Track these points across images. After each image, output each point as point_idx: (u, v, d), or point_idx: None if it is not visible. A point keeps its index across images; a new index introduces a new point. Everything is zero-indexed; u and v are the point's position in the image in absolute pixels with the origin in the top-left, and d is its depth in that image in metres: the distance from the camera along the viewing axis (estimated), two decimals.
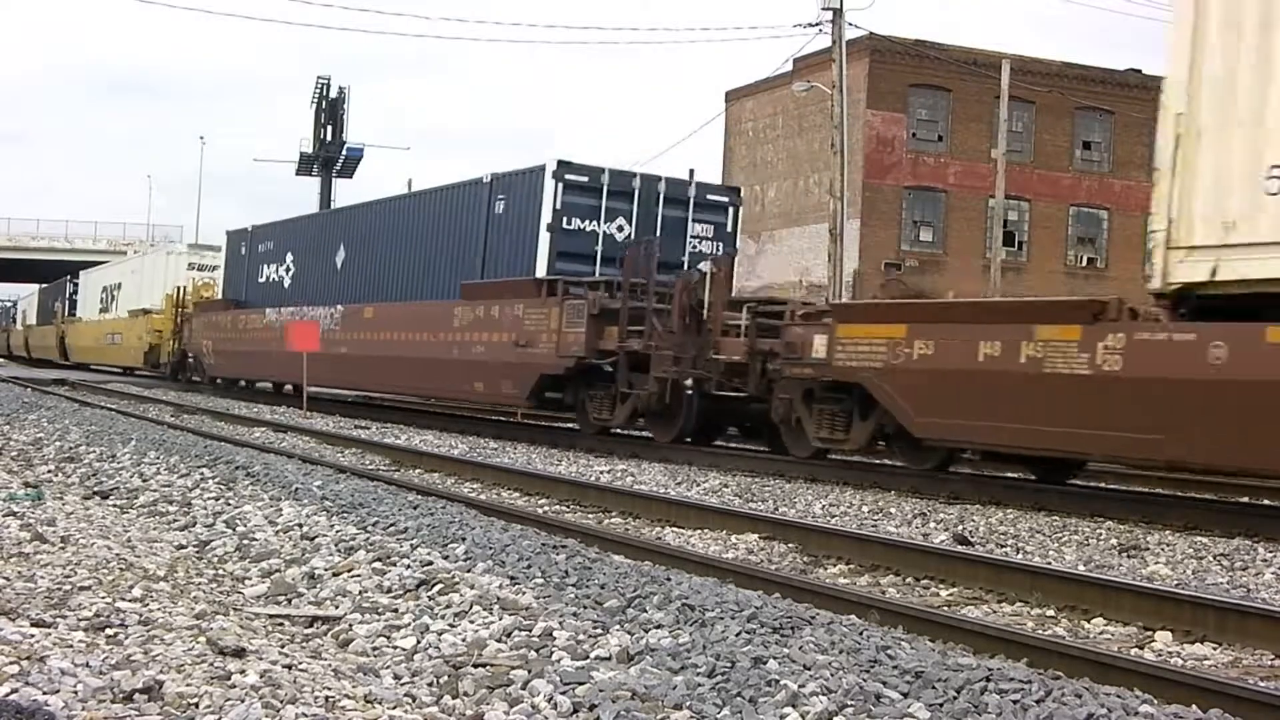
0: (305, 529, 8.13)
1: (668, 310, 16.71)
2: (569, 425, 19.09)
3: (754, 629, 5.38)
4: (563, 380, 18.60)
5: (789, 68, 42.66)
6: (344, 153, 71.18)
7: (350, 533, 7.89)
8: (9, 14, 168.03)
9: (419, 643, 5.40)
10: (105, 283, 49.95)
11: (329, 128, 71.25)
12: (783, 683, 4.55)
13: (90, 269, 55.36)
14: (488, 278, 20.98)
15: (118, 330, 44.76)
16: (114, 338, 45.13)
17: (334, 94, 71.67)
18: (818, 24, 31.14)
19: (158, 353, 39.14)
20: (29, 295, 71.19)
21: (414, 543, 7.50)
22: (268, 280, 30.58)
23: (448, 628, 5.59)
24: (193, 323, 34.64)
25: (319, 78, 76.00)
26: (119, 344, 44.19)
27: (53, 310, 58.95)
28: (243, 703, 4.00)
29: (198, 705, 3.97)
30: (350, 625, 5.78)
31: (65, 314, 55.60)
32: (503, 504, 10.56)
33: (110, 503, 9.93)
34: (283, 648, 5.14)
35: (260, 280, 30.99)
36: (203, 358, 33.49)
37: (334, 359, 24.87)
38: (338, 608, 6.16)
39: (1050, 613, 7.02)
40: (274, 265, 30.34)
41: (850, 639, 5.29)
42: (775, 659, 4.87)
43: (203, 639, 4.84)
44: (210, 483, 10.64)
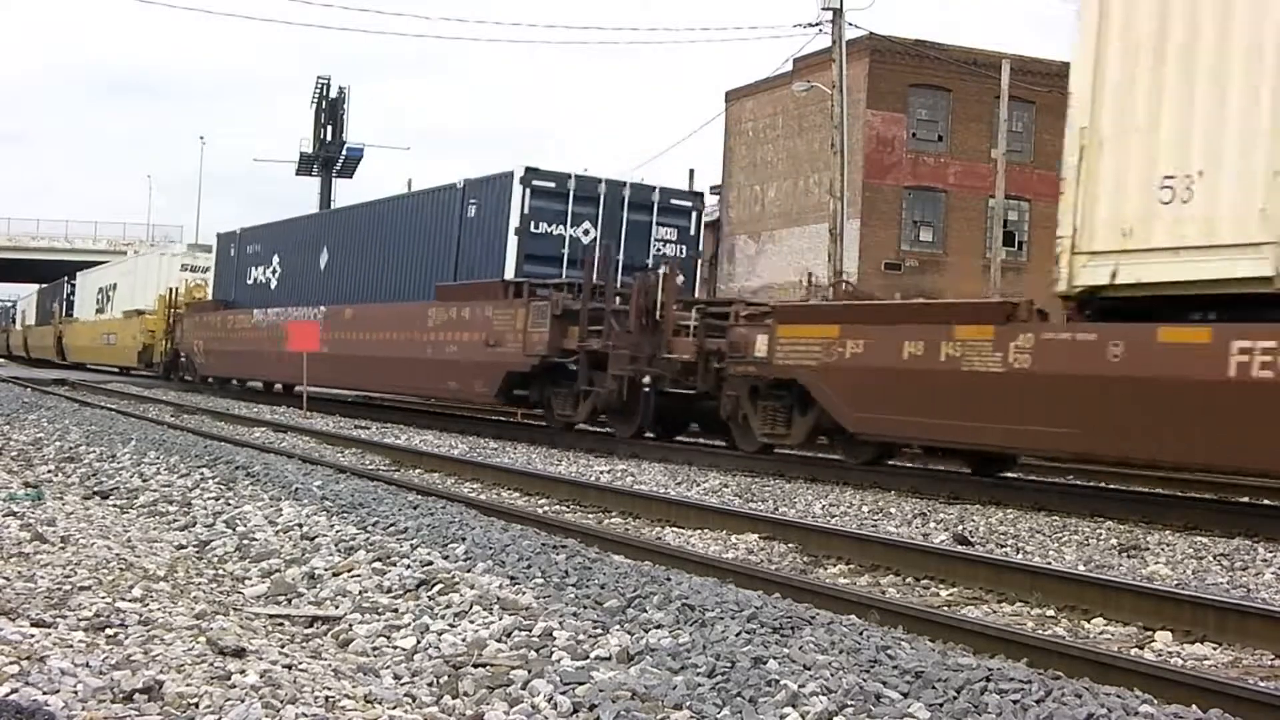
0: (305, 529, 8.13)
1: (626, 311, 17.30)
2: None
3: (754, 629, 5.38)
4: (529, 378, 19.26)
5: (789, 68, 42.66)
6: (344, 153, 71.37)
7: (350, 533, 7.89)
8: (9, 14, 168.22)
9: (419, 643, 5.40)
10: (101, 284, 50.26)
11: (329, 128, 71.38)
12: (783, 683, 4.55)
13: (87, 270, 55.56)
14: (461, 280, 21.60)
15: (113, 330, 45.01)
16: (109, 338, 45.36)
17: (334, 94, 71.88)
18: (818, 24, 31.18)
19: (151, 352, 39.64)
20: (28, 296, 71.27)
21: (414, 543, 7.50)
22: (255, 281, 31.08)
23: (448, 628, 5.59)
24: (184, 323, 35.07)
25: (319, 78, 76.31)
26: (114, 344, 44.47)
27: (51, 311, 59.12)
28: (243, 703, 4.00)
29: (198, 705, 3.97)
30: (350, 625, 5.78)
31: (63, 314, 55.80)
32: (503, 504, 10.57)
33: (110, 503, 9.94)
34: (283, 648, 5.14)
35: (249, 281, 31.48)
36: (194, 357, 33.88)
37: (317, 358, 25.25)
38: (338, 608, 6.16)
39: (1050, 613, 7.02)
40: (261, 267, 30.87)
41: (850, 639, 5.29)
42: (775, 659, 4.87)
43: (203, 639, 4.84)
44: (210, 483, 10.64)
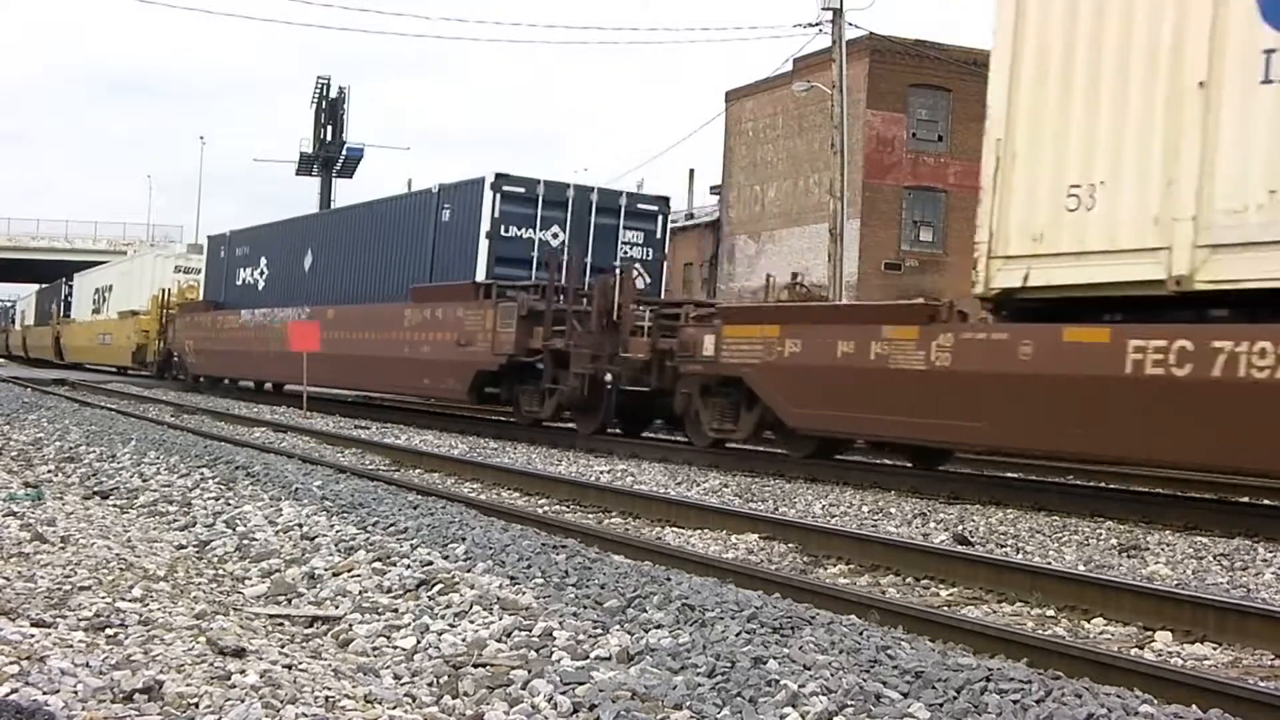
0: (305, 529, 8.13)
1: (589, 312, 17.88)
2: (569, 425, 19.33)
3: (754, 629, 5.38)
4: (499, 376, 19.96)
5: (789, 68, 42.62)
6: (344, 153, 71.36)
7: (350, 533, 7.89)
8: (9, 14, 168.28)
9: (419, 643, 5.40)
10: (98, 284, 50.66)
11: (329, 128, 71.35)
12: (783, 683, 4.55)
13: (84, 271, 55.85)
14: (436, 281, 22.25)
15: (109, 331, 45.33)
16: (105, 338, 45.65)
17: (334, 94, 71.83)
18: (818, 24, 31.14)
19: (144, 352, 40.14)
20: (28, 296, 71.34)
21: (414, 543, 7.50)
22: (244, 283, 31.60)
23: (448, 628, 5.59)
24: (176, 323, 35.57)
25: (319, 78, 76.29)
26: (110, 344, 44.81)
27: (49, 311, 59.27)
28: (243, 703, 3.99)
29: (198, 705, 3.96)
30: (350, 625, 5.78)
31: (60, 315, 55.97)
32: (503, 504, 10.56)
33: (110, 503, 9.93)
34: (283, 648, 5.13)
35: (238, 283, 31.98)
36: (185, 357, 34.36)
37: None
38: (338, 608, 6.16)
39: (1050, 613, 7.02)
40: (249, 268, 31.42)
41: (850, 639, 5.29)
42: (775, 659, 4.87)
43: (203, 639, 4.84)
44: (210, 483, 10.64)
